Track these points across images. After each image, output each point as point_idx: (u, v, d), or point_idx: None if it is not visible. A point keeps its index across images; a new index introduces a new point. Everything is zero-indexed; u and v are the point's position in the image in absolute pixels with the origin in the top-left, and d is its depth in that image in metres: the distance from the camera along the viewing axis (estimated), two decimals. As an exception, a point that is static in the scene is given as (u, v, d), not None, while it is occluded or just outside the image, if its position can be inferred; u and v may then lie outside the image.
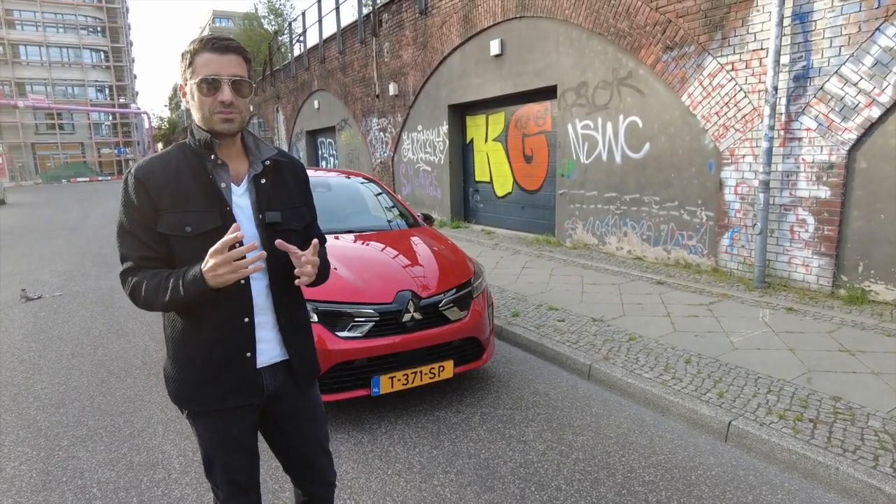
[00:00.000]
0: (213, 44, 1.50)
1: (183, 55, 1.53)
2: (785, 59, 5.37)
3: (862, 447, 2.83)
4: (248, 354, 1.60)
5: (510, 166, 9.94)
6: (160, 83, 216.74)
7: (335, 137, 17.07)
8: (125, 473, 2.94)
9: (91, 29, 57.84)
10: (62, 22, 55.88)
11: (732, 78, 5.85)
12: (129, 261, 1.53)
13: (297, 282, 1.53)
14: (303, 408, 1.78)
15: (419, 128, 12.14)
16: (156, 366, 4.46)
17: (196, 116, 1.54)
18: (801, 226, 5.46)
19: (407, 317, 3.32)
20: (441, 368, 3.46)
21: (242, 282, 1.52)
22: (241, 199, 1.59)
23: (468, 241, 9.45)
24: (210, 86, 1.49)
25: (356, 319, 3.24)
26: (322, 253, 1.71)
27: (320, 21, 16.46)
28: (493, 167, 10.45)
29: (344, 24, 15.19)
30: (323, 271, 1.68)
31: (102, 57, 58.52)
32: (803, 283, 5.50)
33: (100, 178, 49.15)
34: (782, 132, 5.48)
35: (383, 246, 4.01)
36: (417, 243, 4.12)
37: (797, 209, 5.46)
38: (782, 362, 3.91)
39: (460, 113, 11.05)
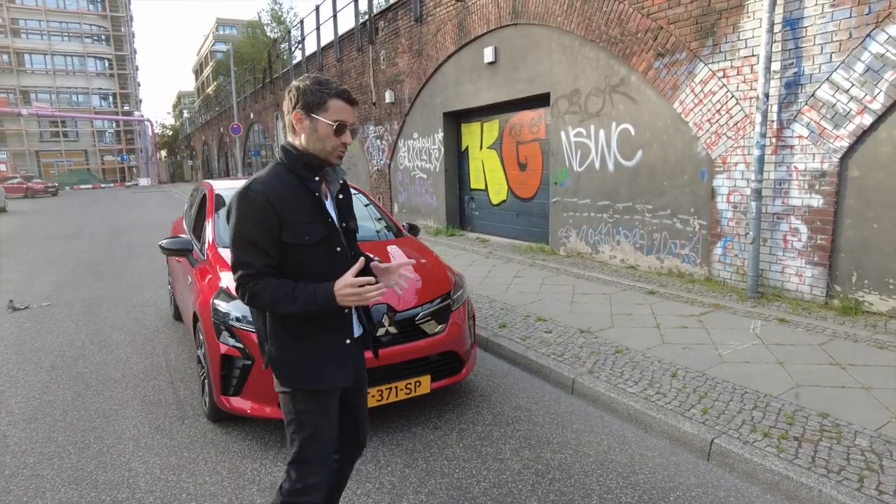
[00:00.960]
0: (346, 95, 1.81)
1: (306, 90, 1.77)
2: (776, 66, 5.30)
3: (847, 467, 2.73)
4: (348, 341, 1.94)
5: (505, 174, 9.87)
6: (164, 91, 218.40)
7: (333, 145, 17.05)
8: (88, 493, 2.86)
9: (95, 37, 58.27)
10: (67, 31, 56.32)
11: (724, 85, 5.78)
12: (251, 268, 1.76)
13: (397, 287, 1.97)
14: (362, 392, 2.13)
15: (415, 135, 12.10)
16: (135, 378, 4.40)
17: (313, 146, 1.81)
18: (793, 235, 5.36)
19: (381, 331, 3.25)
20: (417, 384, 3.37)
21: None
22: (332, 211, 1.91)
23: (462, 249, 9.37)
24: (340, 129, 1.79)
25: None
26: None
27: (318, 29, 16.50)
28: (488, 175, 10.38)
29: (342, 31, 15.20)
30: None
31: (106, 65, 58.92)
32: (797, 293, 5.40)
33: (103, 186, 49.42)
34: (774, 140, 5.40)
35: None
36: (399, 254, 4.04)
37: (790, 218, 5.37)
38: (770, 376, 3.81)
39: (455, 120, 11.00)
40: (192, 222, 5.06)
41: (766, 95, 5.28)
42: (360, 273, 1.85)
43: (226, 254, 3.90)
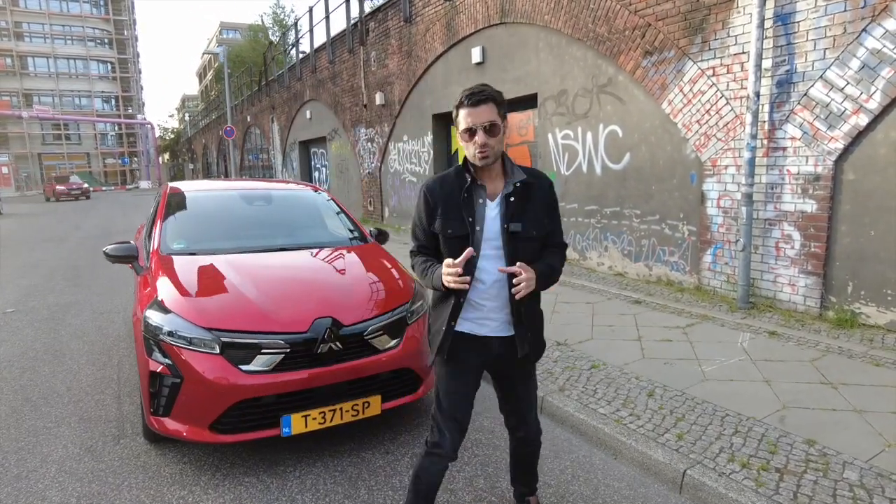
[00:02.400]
0: (467, 101, 1.96)
1: (454, 107, 2.04)
2: (767, 64, 5.01)
3: (832, 506, 2.43)
4: (452, 324, 2.09)
5: (494, 177, 9.58)
6: (168, 94, 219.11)
7: (327, 148, 16.83)
8: (-10, 527, 2.59)
9: (98, 41, 58.47)
10: (70, 34, 56.52)
11: (714, 84, 5.49)
12: (414, 244, 2.23)
13: (517, 296, 1.95)
14: (519, 375, 2.28)
15: (405, 138, 11.85)
16: (80, 392, 4.13)
17: (467, 153, 2.04)
18: (786, 242, 5.06)
19: (323, 347, 2.97)
20: (366, 405, 3.08)
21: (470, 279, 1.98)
22: (492, 212, 2.05)
23: (449, 254, 9.09)
24: (470, 134, 1.97)
25: (263, 351, 2.89)
26: (550, 261, 2.11)
27: (311, 30, 16.30)
28: (478, 178, 10.10)
29: (334, 32, 15.00)
30: (546, 276, 2.07)
31: (109, 68, 59.09)
32: (790, 303, 5.09)
33: (104, 188, 49.39)
34: (766, 141, 5.10)
35: (312, 266, 3.67)
36: (353, 263, 3.77)
37: (782, 224, 5.07)
38: (755, 397, 3.51)
39: (445, 122, 10.75)
40: (149, 227, 4.81)
41: (757, 95, 4.99)
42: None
43: (168, 261, 3.64)
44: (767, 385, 3.67)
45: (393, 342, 3.24)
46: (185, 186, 4.80)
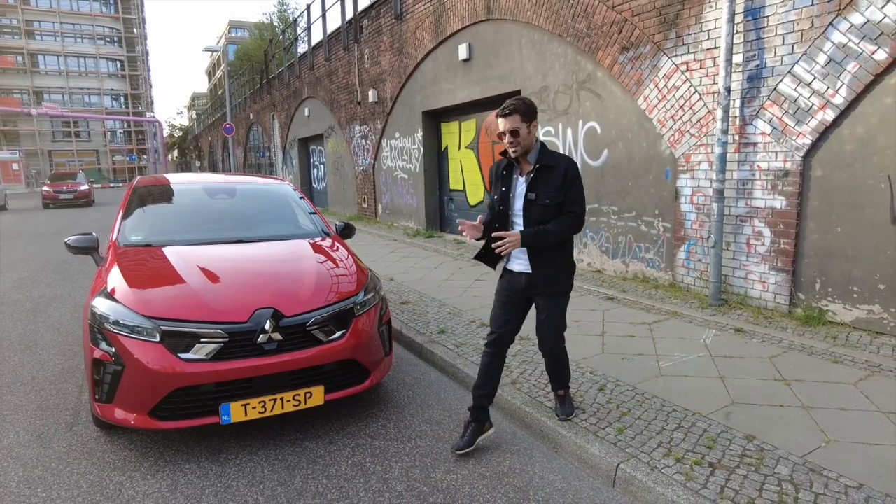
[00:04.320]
0: (502, 112, 2.82)
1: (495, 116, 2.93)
2: (738, 59, 4.97)
3: (756, 500, 2.41)
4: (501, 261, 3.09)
5: (481, 174, 9.59)
6: (177, 91, 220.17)
7: (324, 145, 16.89)
8: (-73, 509, 2.63)
9: (108, 39, 59.00)
10: (80, 32, 57.07)
11: (687, 79, 5.46)
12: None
13: (498, 251, 2.82)
14: (542, 305, 3.02)
15: (396, 135, 11.86)
16: (45, 381, 4.18)
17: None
18: (757, 238, 5.02)
19: (263, 338, 2.99)
20: (308, 395, 3.10)
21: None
22: (521, 185, 2.92)
23: (434, 251, 9.10)
24: (502, 135, 2.85)
25: (202, 340, 2.91)
26: (546, 225, 2.83)
27: (309, 28, 16.36)
28: (466, 175, 10.11)
29: (330, 30, 15.03)
30: (535, 236, 2.83)
31: (118, 66, 59.60)
32: (760, 300, 5.05)
33: (111, 185, 49.86)
34: (737, 137, 5.07)
35: (263, 258, 3.69)
36: (304, 255, 3.78)
37: (753, 220, 5.03)
38: (706, 392, 3.49)
39: (435, 119, 10.75)
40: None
41: (728, 90, 4.95)
42: (490, 227, 2.98)
43: (122, 252, 3.68)
44: (721, 381, 3.65)
45: (338, 334, 3.26)
46: (153, 180, 4.84)
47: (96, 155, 58.38)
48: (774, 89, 4.73)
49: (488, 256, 3.03)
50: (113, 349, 2.94)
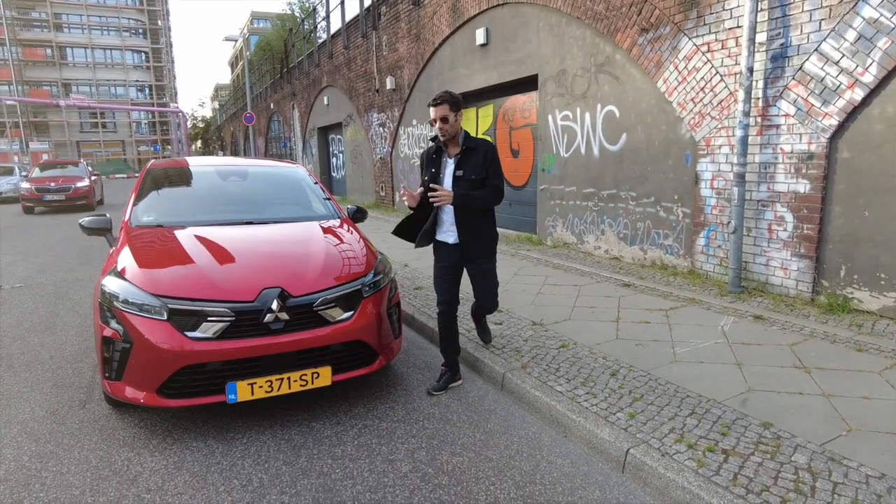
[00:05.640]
0: (433, 102, 3.32)
1: (427, 105, 3.47)
2: (762, 38, 4.79)
3: (771, 488, 2.32)
4: (435, 235, 3.55)
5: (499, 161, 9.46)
6: (201, 83, 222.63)
7: (343, 134, 16.91)
8: (-58, 480, 2.68)
9: (133, 31, 59.85)
10: (106, 24, 58.02)
11: (708, 60, 5.29)
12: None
13: (432, 201, 3.30)
14: (474, 271, 3.59)
15: (414, 122, 11.80)
16: (62, 360, 4.26)
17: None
18: (779, 224, 4.86)
19: (269, 317, 2.97)
20: (315, 375, 3.09)
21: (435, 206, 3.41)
22: (450, 165, 3.41)
23: (450, 238, 9.04)
24: (433, 122, 3.35)
25: (209, 318, 2.91)
26: (474, 192, 3.36)
27: (328, 17, 16.34)
28: (483, 162, 9.99)
29: (348, 17, 15.01)
30: (464, 198, 3.33)
31: (143, 58, 60.47)
32: (782, 287, 4.90)
33: (135, 175, 50.65)
34: (759, 119, 4.90)
35: (272, 238, 3.68)
36: (314, 236, 3.76)
37: (775, 205, 4.87)
38: (722, 379, 3.39)
39: (452, 106, 10.63)
40: (134, 202, 4.90)
41: (751, 70, 4.78)
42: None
43: (134, 233, 3.71)
44: (738, 368, 3.54)
45: (346, 315, 3.23)
46: (167, 163, 4.87)
47: (122, 146, 59.46)
48: (800, 68, 4.55)
49: (407, 230, 3.57)
50: (122, 327, 2.96)
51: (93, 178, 17.48)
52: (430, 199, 3.26)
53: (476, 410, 3.35)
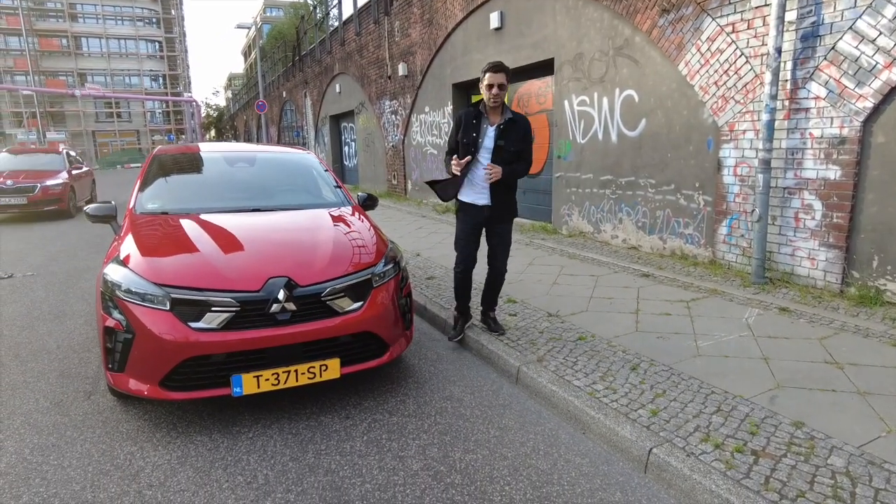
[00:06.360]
0: (493, 68, 3.55)
1: (482, 72, 3.62)
2: (791, 16, 4.55)
3: (807, 493, 2.18)
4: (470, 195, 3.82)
5: (512, 149, 9.28)
6: (214, 72, 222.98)
7: (355, 121, 16.76)
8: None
9: (147, 21, 59.97)
10: (120, 14, 58.22)
11: (733, 41, 5.05)
12: (448, 149, 3.91)
13: (487, 179, 3.62)
14: (496, 232, 3.86)
15: (426, 109, 11.62)
16: (68, 349, 4.20)
17: (484, 97, 3.63)
18: (806, 212, 4.65)
19: (276, 307, 2.86)
20: (324, 368, 2.98)
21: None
22: (490, 132, 3.63)
23: (463, 227, 8.89)
24: (489, 87, 3.55)
25: (213, 309, 2.80)
26: (515, 166, 3.69)
27: (340, 3, 16.13)
28: (497, 150, 9.80)
29: (360, 3, 14.79)
30: (510, 173, 3.67)
31: (157, 47, 60.66)
32: (808, 278, 4.70)
33: (151, 165, 50.86)
34: (787, 102, 4.67)
35: (279, 226, 3.56)
36: (322, 224, 3.63)
37: (802, 192, 4.66)
38: (749, 374, 3.23)
39: (464, 92, 10.45)
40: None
41: (779, 51, 4.55)
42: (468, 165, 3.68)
43: (138, 220, 3.61)
44: (765, 363, 3.37)
45: (355, 305, 3.11)
46: (174, 149, 4.77)
47: (137, 135, 59.84)
48: (832, 48, 4.32)
49: (446, 188, 3.83)
50: (124, 317, 2.86)
51: (74, 171, 12.75)
52: (487, 178, 3.58)
53: (490, 405, 3.23)
